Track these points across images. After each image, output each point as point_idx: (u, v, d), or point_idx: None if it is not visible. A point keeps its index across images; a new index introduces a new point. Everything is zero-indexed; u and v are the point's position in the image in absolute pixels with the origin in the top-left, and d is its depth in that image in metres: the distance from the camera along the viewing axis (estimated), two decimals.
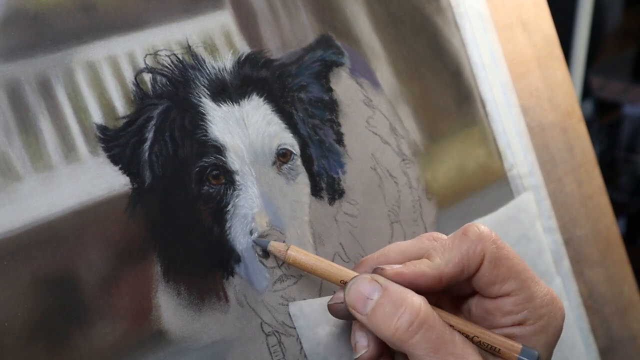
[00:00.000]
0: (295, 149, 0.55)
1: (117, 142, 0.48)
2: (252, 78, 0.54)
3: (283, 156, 0.54)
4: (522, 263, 0.50)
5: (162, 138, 0.50)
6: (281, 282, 0.53)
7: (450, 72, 0.67)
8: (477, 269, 0.49)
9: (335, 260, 0.56)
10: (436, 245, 0.50)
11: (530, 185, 0.71)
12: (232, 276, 0.51)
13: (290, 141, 0.55)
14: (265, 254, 0.52)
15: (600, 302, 0.75)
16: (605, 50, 2.33)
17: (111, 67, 0.48)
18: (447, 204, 0.64)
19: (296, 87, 0.56)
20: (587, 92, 1.99)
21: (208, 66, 0.52)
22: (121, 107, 0.48)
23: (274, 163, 0.54)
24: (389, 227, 0.60)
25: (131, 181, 0.48)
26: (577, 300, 0.73)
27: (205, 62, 0.52)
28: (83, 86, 0.47)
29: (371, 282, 0.47)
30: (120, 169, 0.48)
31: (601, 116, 2.31)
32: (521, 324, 0.50)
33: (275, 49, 0.56)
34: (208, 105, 0.52)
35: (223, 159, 0.51)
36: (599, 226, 0.77)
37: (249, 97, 0.54)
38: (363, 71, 0.60)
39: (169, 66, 0.50)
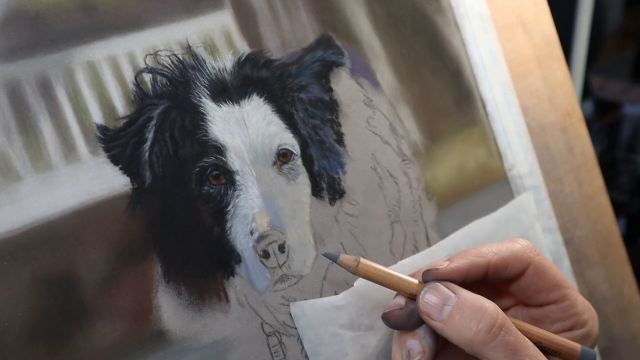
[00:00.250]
0: (296, 149, 0.55)
1: (117, 142, 0.48)
2: (252, 78, 0.54)
3: (283, 156, 0.54)
4: (561, 273, 0.54)
5: (162, 138, 0.50)
6: (282, 282, 0.53)
7: (450, 72, 0.67)
8: (520, 275, 0.53)
9: None
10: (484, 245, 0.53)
11: (530, 185, 0.71)
12: (233, 276, 0.51)
13: (290, 141, 0.55)
14: (266, 254, 0.52)
15: (600, 302, 0.75)
16: (605, 50, 2.33)
17: (111, 67, 0.48)
18: (447, 204, 0.64)
19: (296, 87, 0.56)
20: (587, 92, 1.99)
21: (208, 66, 0.52)
22: (121, 107, 0.48)
23: (274, 163, 0.54)
24: (389, 227, 0.60)
25: (131, 181, 0.48)
26: None
27: (205, 62, 0.52)
28: (83, 86, 0.47)
29: (444, 290, 0.49)
30: (121, 169, 0.48)
31: (601, 116, 2.31)
32: (570, 329, 0.53)
33: (275, 49, 0.56)
34: (208, 105, 0.52)
35: (223, 159, 0.51)
36: (599, 226, 0.77)
37: (249, 97, 0.54)
38: (363, 71, 0.60)
39: (169, 66, 0.50)
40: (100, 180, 0.47)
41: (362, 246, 0.58)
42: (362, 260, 0.50)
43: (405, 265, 0.57)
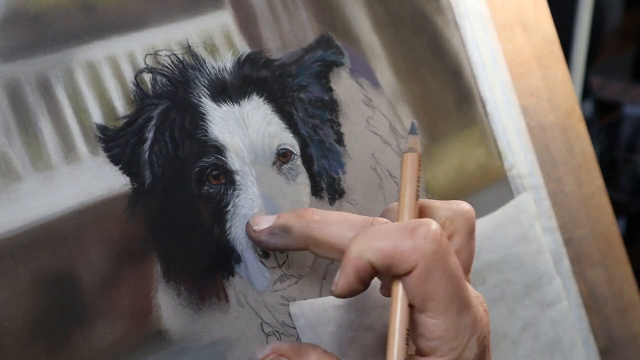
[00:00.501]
0: (296, 149, 0.55)
1: (117, 142, 0.48)
2: (252, 78, 0.54)
3: (283, 156, 0.54)
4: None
5: (162, 138, 0.50)
6: (281, 282, 0.53)
7: (450, 72, 0.67)
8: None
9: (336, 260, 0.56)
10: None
11: (530, 185, 0.71)
12: (232, 276, 0.51)
13: (290, 141, 0.55)
14: (266, 254, 0.52)
15: (600, 302, 0.75)
16: (605, 50, 2.33)
17: (111, 67, 0.48)
18: None
19: (296, 87, 0.56)
20: (587, 92, 1.99)
21: (208, 66, 0.52)
22: (121, 107, 0.48)
23: (274, 163, 0.54)
24: None
25: (131, 181, 0.48)
26: (577, 300, 0.72)
27: (205, 62, 0.52)
28: (83, 86, 0.47)
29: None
30: (120, 169, 0.48)
31: (601, 116, 2.31)
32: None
33: (275, 49, 0.56)
34: (208, 105, 0.52)
35: (223, 159, 0.51)
36: (599, 226, 0.77)
37: (249, 97, 0.54)
38: (363, 71, 0.60)
39: (169, 66, 0.50)
40: (100, 180, 0.47)
41: None
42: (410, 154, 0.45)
43: None
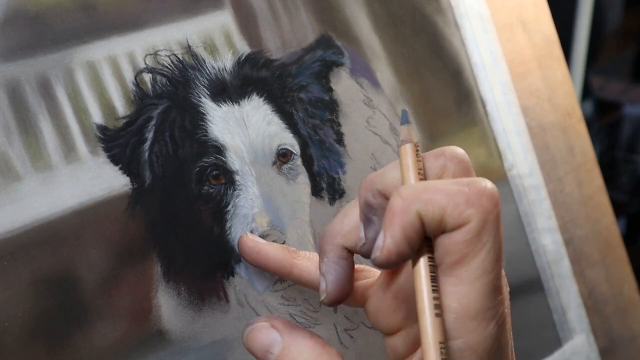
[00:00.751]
0: (296, 149, 0.55)
1: (117, 142, 0.48)
2: (252, 78, 0.54)
3: (283, 156, 0.54)
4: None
5: (162, 138, 0.50)
6: (282, 282, 0.53)
7: (450, 72, 0.67)
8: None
9: None
10: None
11: (530, 185, 0.71)
12: (233, 276, 0.51)
13: (290, 141, 0.55)
14: None
15: (600, 302, 0.75)
16: (605, 50, 2.33)
17: (111, 67, 0.48)
18: None
19: (296, 87, 0.56)
20: (587, 92, 1.99)
21: (208, 66, 0.52)
22: (121, 107, 0.48)
23: (274, 163, 0.54)
24: None
25: (131, 181, 0.48)
26: (577, 300, 0.72)
27: (205, 62, 0.52)
28: (83, 86, 0.47)
29: (270, 334, 0.44)
30: (120, 169, 0.48)
31: (601, 116, 2.31)
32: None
33: (275, 49, 0.56)
34: (208, 105, 0.52)
35: (223, 159, 0.51)
36: (599, 226, 0.77)
37: (249, 97, 0.54)
38: (363, 71, 0.60)
39: (169, 66, 0.50)
40: (100, 180, 0.47)
41: None
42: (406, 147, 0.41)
43: None
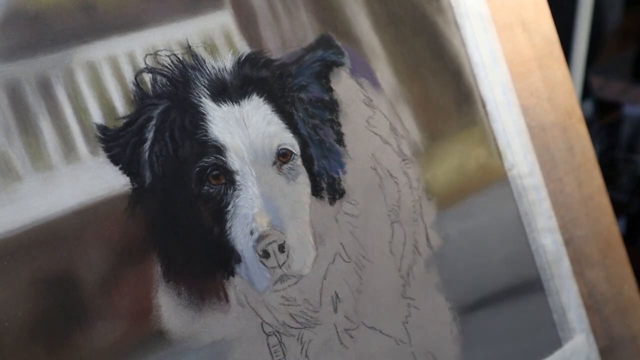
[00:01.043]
0: (296, 149, 0.55)
1: (117, 142, 0.48)
2: (252, 78, 0.54)
3: (283, 156, 0.54)
4: None
5: (162, 138, 0.50)
6: (282, 282, 0.53)
7: (450, 72, 0.67)
8: None
9: (336, 260, 0.56)
10: None
11: (530, 185, 0.71)
12: (233, 276, 0.51)
13: (290, 141, 0.55)
14: (266, 254, 0.52)
15: (600, 302, 0.75)
16: (605, 50, 2.33)
17: (111, 67, 0.48)
18: (447, 204, 0.64)
19: (296, 87, 0.56)
20: (587, 92, 1.99)
21: (208, 66, 0.52)
22: (121, 107, 0.48)
23: (274, 163, 0.54)
24: (389, 227, 0.60)
25: (131, 181, 0.48)
26: (577, 300, 0.72)
27: (205, 62, 0.52)
28: (83, 86, 0.47)
29: None
30: (120, 169, 0.48)
31: (601, 116, 2.31)
32: None
33: (275, 49, 0.56)
34: (208, 105, 0.52)
35: (223, 159, 0.51)
36: (599, 226, 0.77)
37: (249, 97, 0.54)
38: (363, 71, 0.60)
39: (169, 66, 0.50)
40: (100, 180, 0.47)
41: (362, 246, 0.58)
42: None
43: None
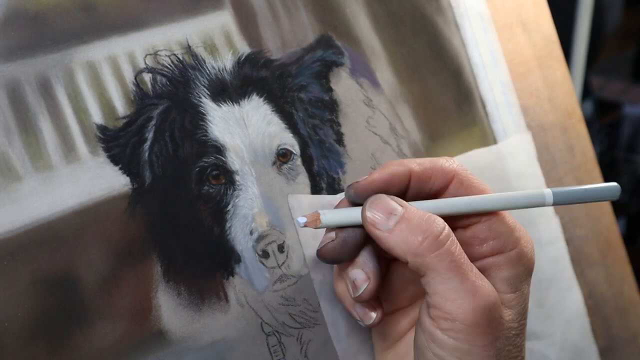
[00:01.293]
0: (295, 149, 0.55)
1: (117, 142, 0.48)
2: (252, 78, 0.54)
3: (283, 156, 0.54)
4: (489, 189, 0.51)
5: (162, 138, 0.50)
6: (281, 282, 0.53)
7: (450, 72, 0.67)
8: (444, 188, 0.50)
9: None
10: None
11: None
12: (232, 276, 0.51)
13: (290, 141, 0.55)
14: (265, 254, 0.52)
15: (600, 302, 0.75)
16: (605, 50, 2.33)
17: (111, 67, 0.48)
18: None
19: (296, 87, 0.56)
20: (587, 92, 1.99)
21: (208, 66, 0.52)
22: (121, 107, 0.48)
23: (274, 163, 0.54)
24: None
25: (131, 181, 0.48)
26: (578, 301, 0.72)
27: (205, 62, 0.52)
28: (83, 86, 0.47)
29: (390, 201, 0.47)
30: (120, 169, 0.48)
31: (601, 116, 2.31)
32: (501, 251, 0.49)
33: (275, 49, 0.56)
34: (208, 105, 0.52)
35: (223, 159, 0.51)
36: (599, 226, 0.77)
37: (249, 97, 0.54)
38: (363, 71, 0.60)
39: (169, 66, 0.50)
40: (100, 180, 0.47)
41: None
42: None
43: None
